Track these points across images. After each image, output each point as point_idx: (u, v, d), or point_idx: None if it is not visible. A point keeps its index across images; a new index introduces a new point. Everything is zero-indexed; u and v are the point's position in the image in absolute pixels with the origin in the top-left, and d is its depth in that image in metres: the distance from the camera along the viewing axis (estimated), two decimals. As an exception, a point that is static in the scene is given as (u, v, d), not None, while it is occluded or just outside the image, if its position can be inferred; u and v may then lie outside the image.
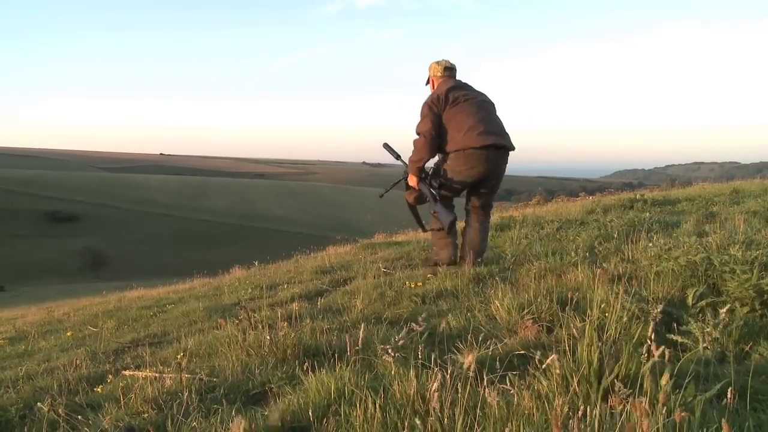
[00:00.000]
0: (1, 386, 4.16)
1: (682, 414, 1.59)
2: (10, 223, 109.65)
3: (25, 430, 2.80)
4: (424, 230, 6.30)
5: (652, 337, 2.08)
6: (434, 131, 5.48)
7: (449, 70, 5.85)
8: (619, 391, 1.99)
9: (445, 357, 2.85)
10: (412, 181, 5.71)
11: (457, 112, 5.49)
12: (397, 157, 5.95)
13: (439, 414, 2.13)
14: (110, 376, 3.92)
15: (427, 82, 6.01)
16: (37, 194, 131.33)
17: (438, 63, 5.86)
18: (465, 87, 5.71)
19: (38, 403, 3.22)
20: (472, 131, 5.40)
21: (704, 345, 2.68)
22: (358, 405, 2.29)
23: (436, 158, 5.80)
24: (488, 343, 3.11)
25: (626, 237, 5.61)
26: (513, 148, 5.68)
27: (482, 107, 5.60)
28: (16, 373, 4.56)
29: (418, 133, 5.57)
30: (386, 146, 6.03)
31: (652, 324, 2.12)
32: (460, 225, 5.95)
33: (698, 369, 2.38)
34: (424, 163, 5.64)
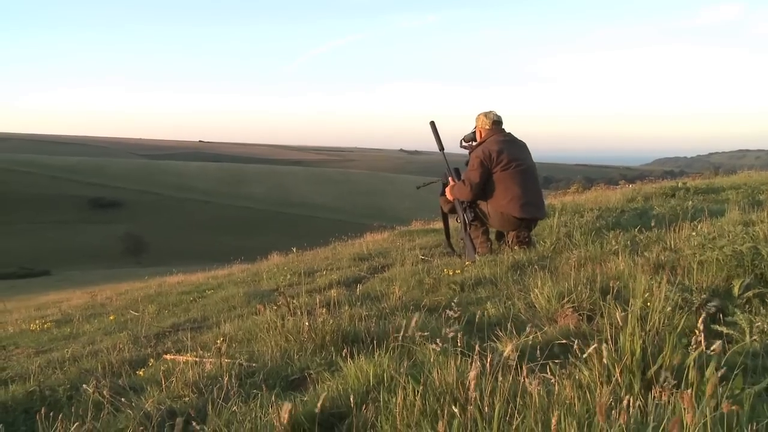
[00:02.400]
0: (50, 367, 4.27)
1: (732, 407, 1.55)
2: (55, 209, 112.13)
3: (73, 410, 2.86)
4: (449, 244, 6.65)
5: (701, 327, 2.04)
6: (481, 185, 5.95)
7: (497, 123, 6.21)
8: (664, 381, 1.95)
9: (485, 345, 2.84)
10: (450, 196, 6.21)
11: (506, 177, 5.93)
12: (441, 148, 6.28)
13: (479, 402, 2.12)
14: (152, 360, 3.99)
15: (473, 133, 6.35)
16: (81, 181, 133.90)
17: (486, 116, 6.22)
18: (512, 144, 6.14)
19: (84, 385, 3.29)
20: (516, 201, 5.89)
21: (752, 337, 2.62)
22: (397, 392, 2.29)
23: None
24: (528, 331, 3.08)
25: (668, 226, 5.51)
26: (544, 217, 6.31)
27: (527, 176, 6.06)
28: (62, 354, 4.67)
29: (464, 180, 6.02)
30: (433, 127, 6.32)
31: (703, 314, 2.07)
32: None
33: (746, 361, 2.32)
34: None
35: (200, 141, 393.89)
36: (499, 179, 5.93)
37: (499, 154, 5.93)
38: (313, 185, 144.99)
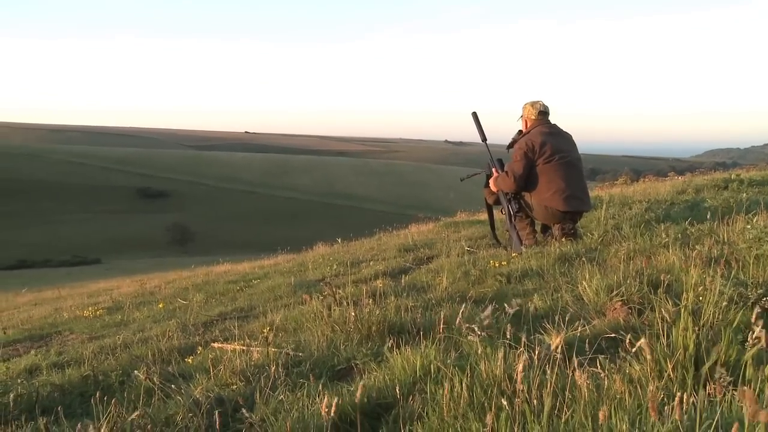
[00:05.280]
0: (102, 353, 4.38)
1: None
2: (105, 199, 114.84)
3: (125, 395, 2.92)
4: (495, 236, 6.60)
5: (757, 323, 1.98)
6: (524, 176, 5.92)
7: (543, 114, 6.16)
8: (720, 378, 1.90)
9: (532, 337, 2.81)
10: (494, 187, 6.17)
11: (549, 169, 5.88)
12: (483, 139, 6.23)
13: (527, 395, 2.10)
14: (200, 348, 4.05)
15: (519, 119, 6.30)
16: (130, 171, 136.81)
17: (533, 105, 6.19)
18: (556, 136, 6.07)
19: (135, 371, 3.36)
20: (560, 194, 5.82)
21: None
22: (444, 383, 2.28)
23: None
24: (576, 324, 3.04)
25: (721, 219, 5.37)
26: (589, 210, 6.24)
27: (571, 168, 5.98)
28: (114, 341, 4.78)
29: (508, 171, 6.02)
30: (475, 117, 6.26)
31: (759, 309, 2.01)
32: None
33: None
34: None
35: (246, 132, 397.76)
36: (542, 171, 5.89)
37: (542, 146, 5.88)
38: (358, 176, 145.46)
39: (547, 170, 5.87)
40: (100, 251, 66.13)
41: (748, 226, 4.32)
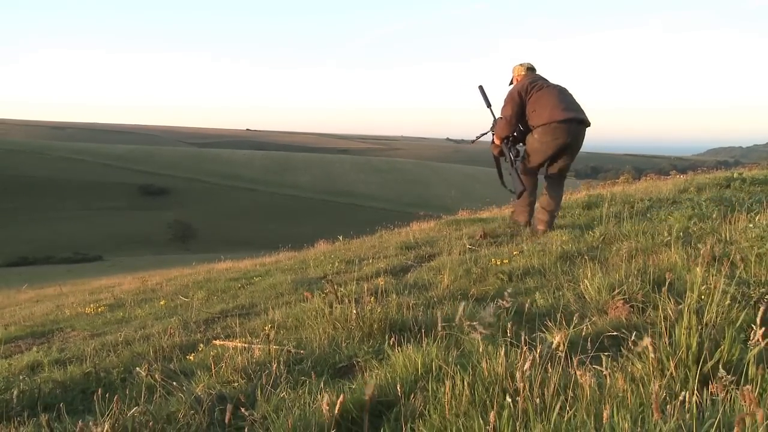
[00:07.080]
0: (104, 350, 4.38)
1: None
2: (107, 196, 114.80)
3: (127, 392, 2.92)
4: (503, 182, 7.06)
5: (760, 322, 1.98)
6: (515, 117, 6.49)
7: (531, 70, 6.84)
8: (722, 377, 1.90)
9: (534, 335, 2.81)
10: (497, 139, 6.76)
11: (542, 95, 6.39)
12: (488, 105, 6.84)
13: (529, 393, 2.09)
14: (201, 345, 4.05)
15: (511, 83, 6.89)
16: (132, 168, 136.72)
17: (521, 65, 6.91)
18: (545, 78, 6.65)
19: (137, 368, 3.37)
20: (557, 108, 6.28)
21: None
22: (446, 381, 2.28)
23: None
24: (577, 322, 3.04)
25: (723, 217, 5.36)
26: (589, 124, 6.49)
27: (562, 91, 6.50)
28: (116, 338, 4.77)
29: (502, 117, 6.60)
30: (481, 90, 6.88)
31: (762, 308, 2.00)
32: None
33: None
34: (506, 137, 6.68)
35: (247, 129, 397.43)
36: (536, 99, 6.37)
37: (530, 83, 6.46)
38: (359, 174, 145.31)
39: (539, 96, 6.37)
40: (101, 248, 66.13)
41: (751, 225, 4.32)
